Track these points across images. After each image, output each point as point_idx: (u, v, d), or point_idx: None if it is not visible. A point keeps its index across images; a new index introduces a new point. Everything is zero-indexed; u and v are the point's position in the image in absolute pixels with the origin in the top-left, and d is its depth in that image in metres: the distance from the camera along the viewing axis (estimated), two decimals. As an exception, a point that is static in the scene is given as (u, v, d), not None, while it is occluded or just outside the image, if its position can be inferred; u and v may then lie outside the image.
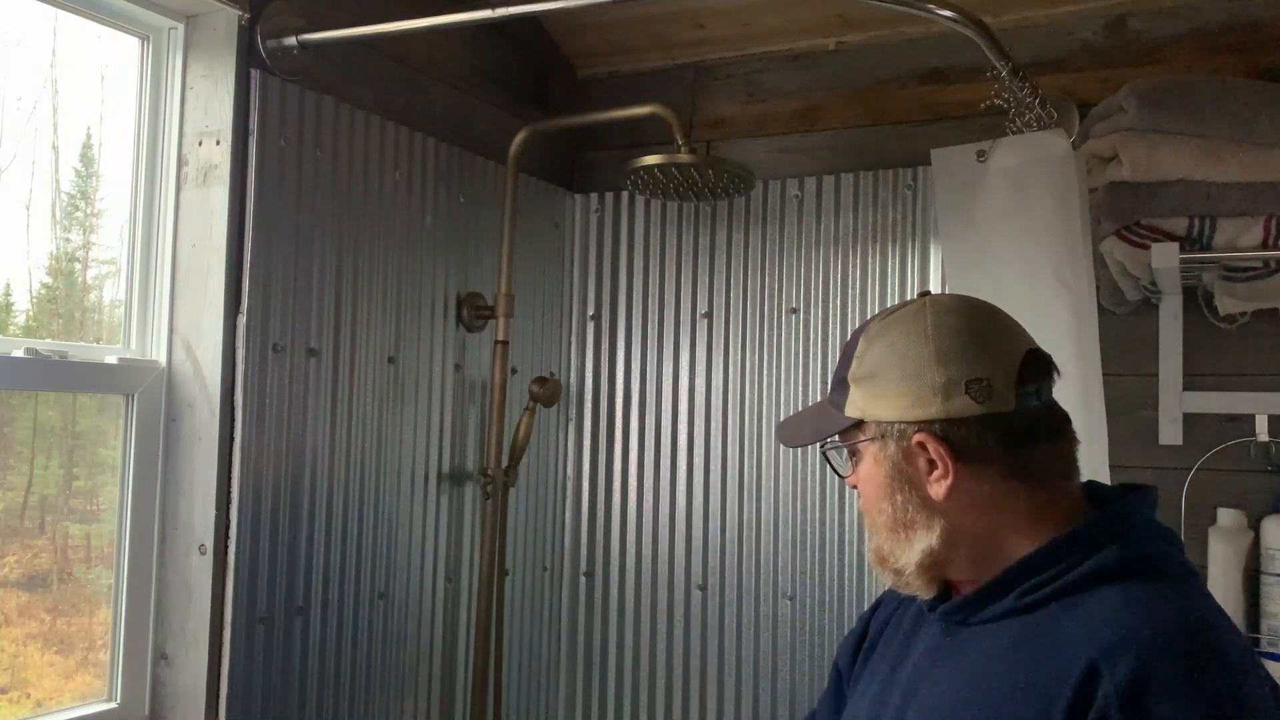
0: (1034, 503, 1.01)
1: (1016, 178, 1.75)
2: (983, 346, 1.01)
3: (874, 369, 1.04)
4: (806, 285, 2.10)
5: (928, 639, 1.07)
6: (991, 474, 1.00)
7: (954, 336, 1.01)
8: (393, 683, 1.84)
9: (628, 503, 2.24)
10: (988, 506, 1.00)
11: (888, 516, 1.03)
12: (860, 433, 1.05)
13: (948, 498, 1.00)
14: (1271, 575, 1.67)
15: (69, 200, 1.61)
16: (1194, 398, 1.78)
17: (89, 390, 1.55)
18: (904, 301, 1.09)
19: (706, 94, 2.25)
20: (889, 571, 1.06)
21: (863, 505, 1.08)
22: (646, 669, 2.19)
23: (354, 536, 1.76)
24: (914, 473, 1.01)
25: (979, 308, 1.07)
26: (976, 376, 0.99)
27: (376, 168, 1.80)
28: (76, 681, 1.57)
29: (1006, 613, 0.98)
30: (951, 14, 1.36)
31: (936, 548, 1.01)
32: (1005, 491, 1.00)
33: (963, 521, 1.01)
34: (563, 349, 2.31)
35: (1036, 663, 0.92)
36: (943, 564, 1.03)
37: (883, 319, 1.06)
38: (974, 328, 1.03)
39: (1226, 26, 1.82)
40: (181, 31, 1.62)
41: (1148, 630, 0.88)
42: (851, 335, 1.10)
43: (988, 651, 0.98)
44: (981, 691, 0.96)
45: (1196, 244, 1.65)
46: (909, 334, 1.03)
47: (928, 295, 1.08)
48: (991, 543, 1.01)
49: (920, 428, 1.00)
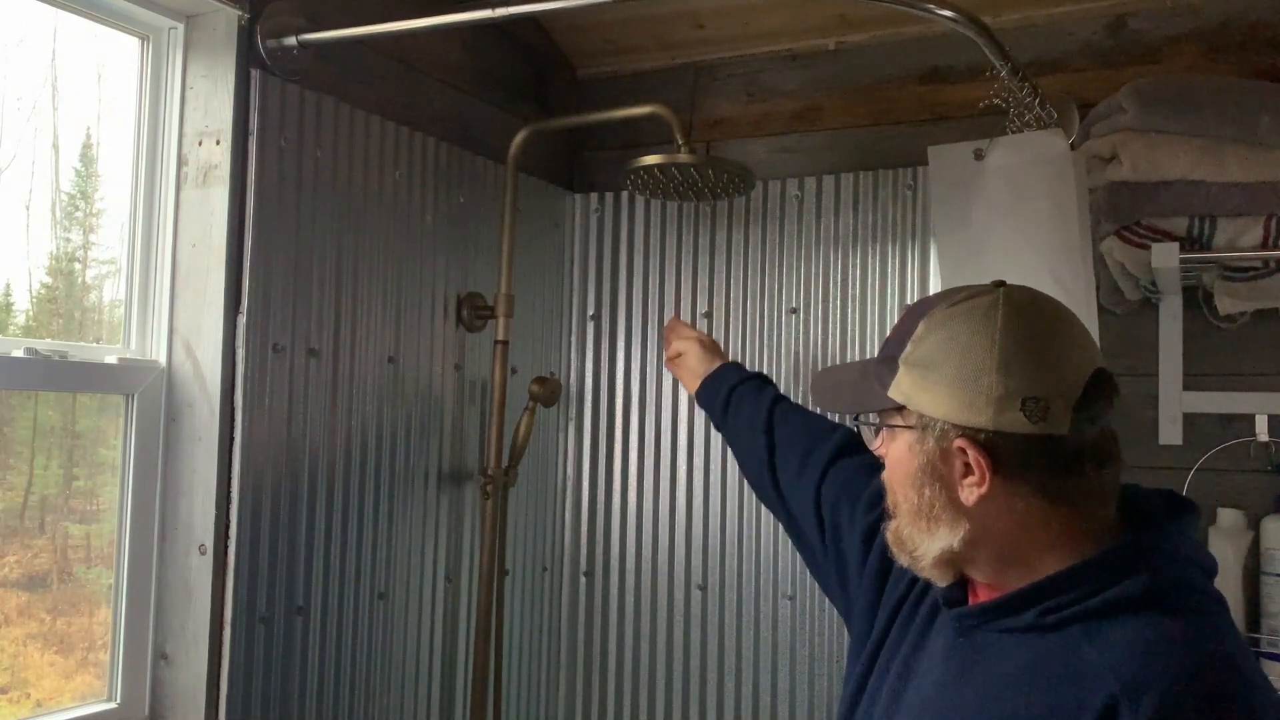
0: (1067, 525, 0.97)
1: (1013, 177, 1.75)
2: (1049, 362, 0.96)
3: (929, 358, 0.99)
4: (806, 285, 2.10)
5: (945, 634, 1.04)
6: (1027, 493, 0.96)
7: (1022, 345, 0.96)
8: (393, 683, 1.84)
9: (628, 503, 2.24)
10: (1017, 522, 0.97)
11: (912, 505, 1.00)
12: (899, 416, 1.01)
13: (977, 505, 0.96)
14: (1271, 575, 1.67)
15: (69, 200, 1.61)
16: (1194, 398, 1.78)
17: (89, 390, 1.55)
18: (976, 288, 1.02)
19: (706, 94, 2.25)
20: (904, 554, 1.03)
21: (886, 479, 1.05)
22: (646, 669, 2.19)
23: (354, 536, 1.76)
24: (948, 472, 0.97)
25: (1054, 315, 1.01)
26: (1035, 395, 0.94)
27: (376, 168, 1.80)
28: (76, 681, 1.57)
29: (1026, 628, 0.95)
30: (951, 14, 1.36)
31: (957, 549, 0.98)
32: (1038, 511, 0.96)
33: (989, 530, 0.97)
34: (563, 349, 2.31)
35: (1053, 687, 0.90)
36: (961, 563, 1.01)
37: (951, 304, 1.00)
38: (1044, 338, 0.97)
39: (1226, 26, 1.82)
40: (181, 31, 1.61)
41: (1173, 669, 0.86)
42: (908, 310, 1.05)
43: (1003, 668, 0.95)
44: (994, 708, 0.93)
45: (1196, 244, 1.66)
46: (975, 332, 0.97)
47: (1003, 286, 1.01)
48: (1016, 555, 0.98)
49: (964, 433, 0.96)
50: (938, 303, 1.02)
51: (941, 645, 1.04)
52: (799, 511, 1.41)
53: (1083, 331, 1.02)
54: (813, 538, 1.37)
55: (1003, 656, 0.96)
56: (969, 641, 1.00)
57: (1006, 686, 0.94)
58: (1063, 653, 0.91)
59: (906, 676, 1.07)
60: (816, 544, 1.36)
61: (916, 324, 1.01)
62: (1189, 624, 0.90)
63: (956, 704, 0.97)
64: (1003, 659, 0.96)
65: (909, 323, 1.02)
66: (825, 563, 1.34)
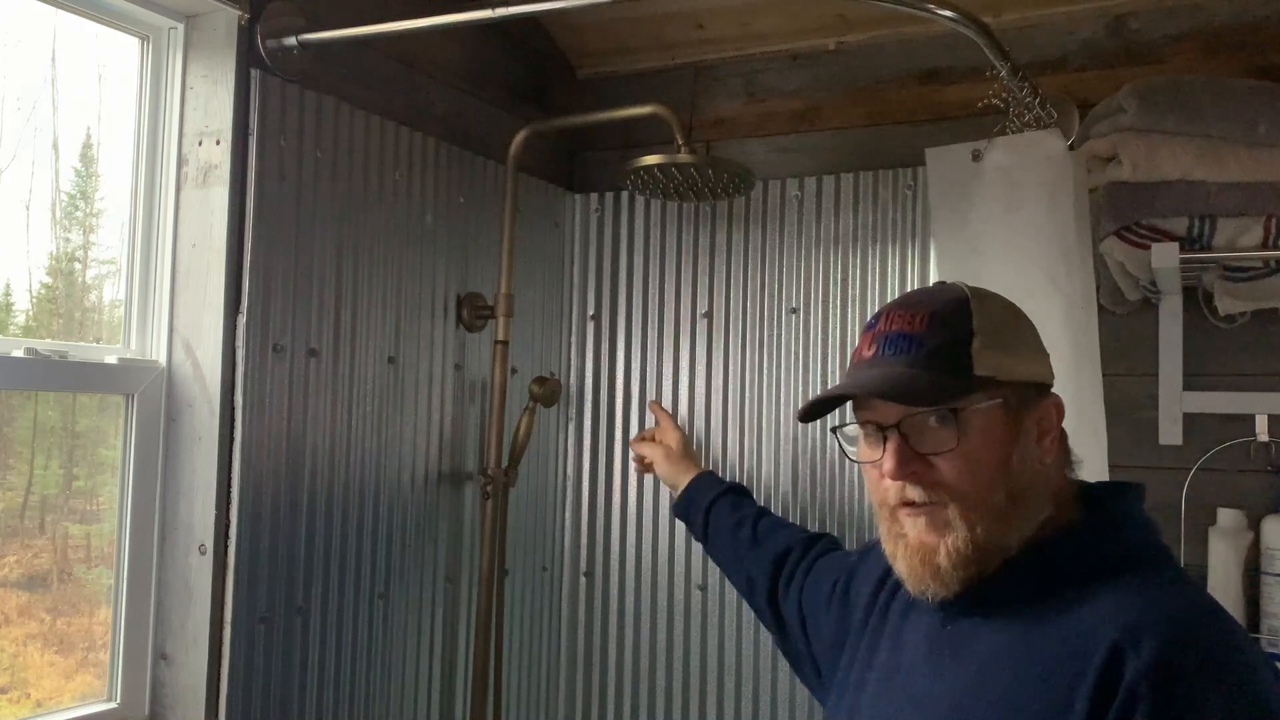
0: (1059, 486, 1.04)
1: (1011, 177, 1.75)
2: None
3: (1003, 326, 1.01)
4: (806, 285, 2.10)
5: (923, 626, 1.06)
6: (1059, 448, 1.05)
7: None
8: (393, 683, 1.84)
9: (628, 503, 2.24)
10: (1051, 486, 1.03)
11: (1006, 489, 0.98)
12: (984, 393, 0.99)
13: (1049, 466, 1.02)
14: (1271, 575, 1.67)
15: (69, 200, 1.61)
16: (1194, 398, 1.78)
17: (89, 390, 1.55)
18: (942, 283, 1.10)
19: (706, 94, 2.25)
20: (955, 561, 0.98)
21: (959, 485, 0.98)
22: (646, 669, 2.19)
23: (354, 536, 1.76)
24: (1029, 437, 1.01)
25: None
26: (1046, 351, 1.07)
27: (376, 168, 1.80)
28: (76, 681, 1.57)
29: (1014, 604, 0.98)
30: (951, 14, 1.36)
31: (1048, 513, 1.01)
32: (1057, 471, 1.04)
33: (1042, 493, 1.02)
34: (563, 349, 2.31)
35: (1054, 649, 0.93)
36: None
37: (965, 286, 1.05)
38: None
39: (1226, 26, 1.82)
40: (181, 31, 1.61)
41: (1169, 614, 0.91)
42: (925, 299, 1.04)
43: (998, 641, 0.98)
44: (997, 681, 0.95)
45: (1196, 244, 1.65)
46: (1007, 303, 1.06)
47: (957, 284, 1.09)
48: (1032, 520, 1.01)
49: (1047, 390, 1.04)
50: (945, 286, 1.07)
51: (923, 637, 1.06)
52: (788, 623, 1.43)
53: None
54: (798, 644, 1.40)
55: (994, 633, 0.99)
56: (955, 628, 1.02)
57: (1004, 658, 0.96)
58: (1055, 618, 0.95)
59: (894, 676, 1.08)
60: (801, 647, 1.39)
61: (952, 309, 1.01)
62: (1171, 579, 0.98)
63: (955, 685, 0.99)
64: (995, 635, 0.99)
65: (946, 309, 1.02)
66: (807, 660, 1.37)
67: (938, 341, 1.00)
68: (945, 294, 1.05)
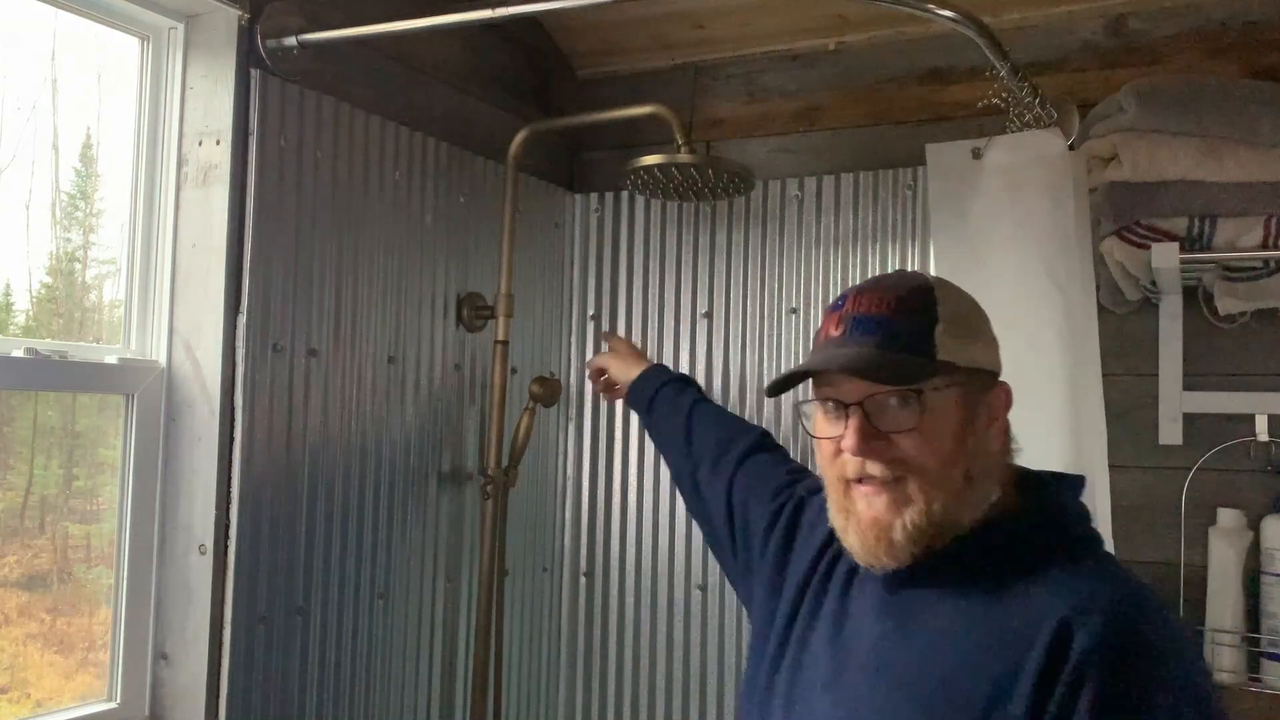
0: (1004, 471, 1.08)
1: (1011, 176, 1.75)
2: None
3: (961, 316, 1.07)
4: (806, 285, 2.10)
5: (870, 594, 1.09)
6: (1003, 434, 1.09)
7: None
8: (393, 683, 1.84)
9: (628, 503, 2.24)
10: (998, 469, 1.07)
11: (962, 469, 1.03)
12: (942, 377, 1.03)
13: (994, 451, 1.06)
14: (1271, 575, 1.67)
15: (69, 200, 1.61)
16: (1194, 398, 1.78)
17: (89, 390, 1.55)
18: (902, 271, 1.16)
19: (706, 94, 2.25)
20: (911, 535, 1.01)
21: (919, 462, 1.02)
22: (646, 669, 2.19)
23: (354, 536, 1.76)
24: (981, 422, 1.06)
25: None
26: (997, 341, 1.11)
27: (376, 168, 1.80)
28: (76, 681, 1.57)
29: (963, 579, 1.02)
30: (951, 14, 1.36)
31: (997, 496, 1.05)
32: (1001, 454, 1.09)
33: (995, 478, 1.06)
34: (563, 349, 2.31)
35: (1004, 622, 0.97)
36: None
37: (928, 276, 1.11)
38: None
39: (1226, 26, 1.82)
40: (181, 31, 1.61)
41: (1108, 591, 0.97)
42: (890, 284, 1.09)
43: (949, 612, 1.02)
44: (947, 650, 1.00)
45: (1196, 244, 1.65)
46: (965, 294, 1.11)
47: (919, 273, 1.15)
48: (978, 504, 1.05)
49: (997, 378, 1.09)
50: (912, 275, 1.12)
51: (870, 605, 1.09)
52: (713, 507, 1.46)
53: None
54: (723, 535, 1.42)
55: (944, 604, 1.03)
56: (901, 598, 1.06)
57: (955, 629, 1.00)
58: (1004, 593, 1.00)
59: (840, 643, 1.10)
60: (725, 537, 1.42)
61: (915, 296, 1.07)
62: (1103, 560, 1.04)
63: (904, 652, 1.03)
64: (945, 606, 1.03)
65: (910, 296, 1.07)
66: (734, 556, 1.40)
67: (904, 325, 1.05)
68: (911, 281, 1.10)
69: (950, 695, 0.97)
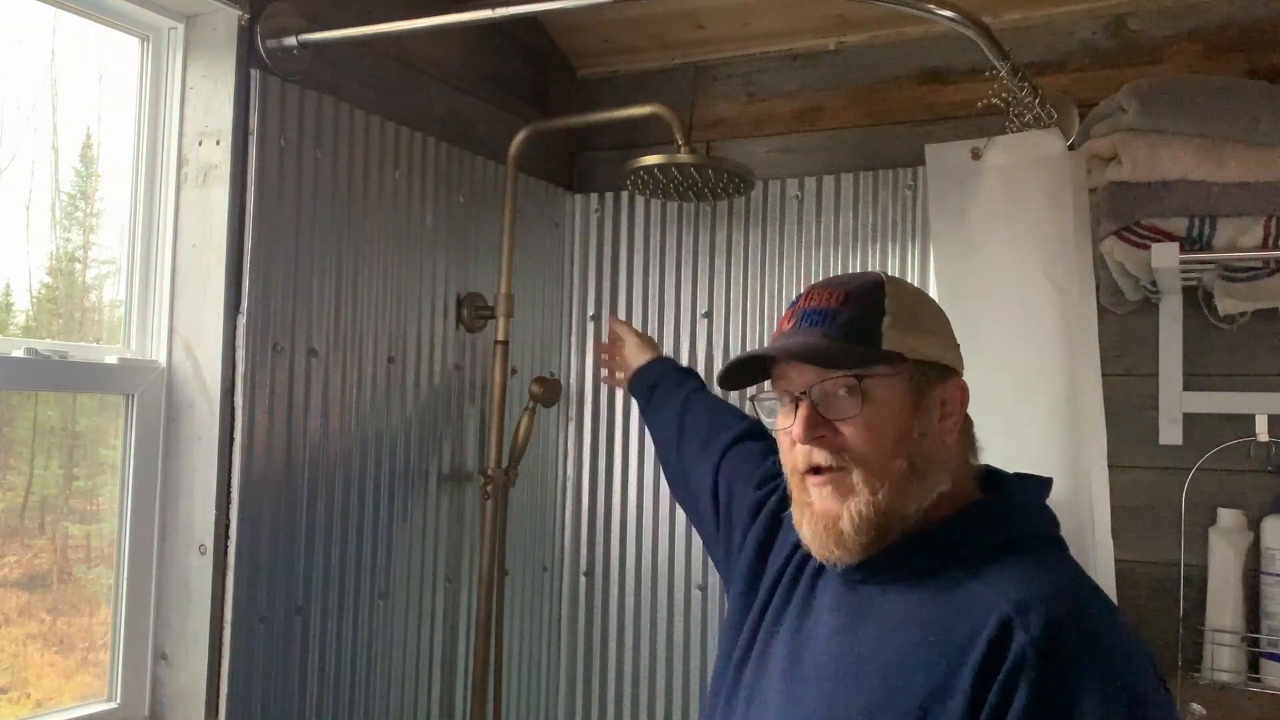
0: (963, 470, 1.10)
1: (1010, 176, 1.75)
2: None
3: (912, 311, 1.09)
4: (806, 285, 2.09)
5: (830, 592, 1.11)
6: (965, 431, 1.11)
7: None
8: (393, 683, 1.84)
9: (628, 503, 2.24)
10: (954, 464, 1.09)
11: (906, 458, 1.04)
12: (889, 367, 1.06)
13: (947, 445, 1.07)
14: (1271, 575, 1.67)
15: (69, 200, 1.61)
16: (1194, 398, 1.78)
17: (89, 390, 1.55)
18: (862, 272, 1.17)
19: (706, 94, 2.25)
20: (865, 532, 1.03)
21: (862, 451, 1.04)
22: (646, 669, 2.19)
23: (354, 536, 1.76)
24: (930, 416, 1.06)
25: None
26: (957, 344, 1.12)
27: (376, 168, 1.80)
28: (76, 681, 1.57)
29: (910, 575, 1.04)
30: (951, 14, 1.36)
31: (948, 488, 1.06)
32: (962, 452, 1.10)
33: (939, 472, 1.07)
34: (563, 349, 2.31)
35: (946, 618, 0.99)
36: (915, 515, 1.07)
37: (883, 275, 1.13)
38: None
39: (1226, 26, 1.82)
40: (181, 31, 1.62)
41: (1053, 590, 0.98)
42: (844, 279, 1.13)
43: (895, 608, 1.03)
44: (890, 644, 1.01)
45: (1196, 244, 1.65)
46: (921, 291, 1.13)
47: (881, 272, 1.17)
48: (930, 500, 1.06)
49: (953, 374, 1.09)
50: (867, 275, 1.13)
51: (828, 602, 1.10)
52: (698, 490, 1.48)
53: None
54: (708, 515, 1.44)
55: (892, 600, 1.04)
56: (856, 594, 1.07)
57: (899, 623, 1.02)
58: (949, 589, 1.01)
59: (799, 638, 1.12)
60: (710, 520, 1.44)
61: (868, 291, 1.09)
62: (1053, 560, 1.06)
63: (851, 646, 1.04)
64: (893, 602, 1.04)
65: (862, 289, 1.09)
66: (717, 541, 1.42)
67: (850, 315, 1.07)
68: (864, 278, 1.12)
69: (890, 691, 0.98)
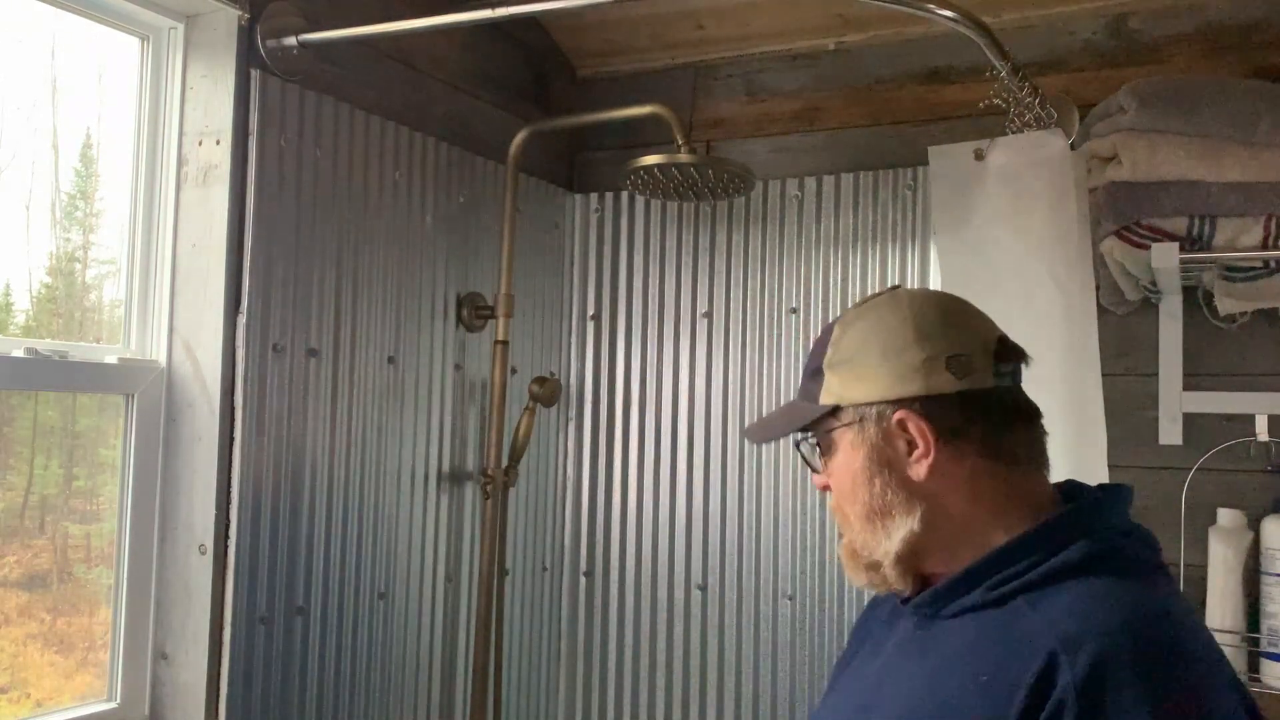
0: (1010, 488, 1.01)
1: (1013, 177, 1.75)
2: (961, 324, 1.03)
3: (852, 353, 1.04)
4: (806, 285, 2.10)
5: (901, 632, 1.07)
6: (971, 453, 1.00)
7: (933, 315, 1.03)
8: (393, 683, 1.84)
9: (628, 503, 2.24)
10: (966, 489, 1.00)
11: (864, 505, 1.02)
12: (835, 420, 1.04)
13: (929, 478, 0.99)
14: (1271, 575, 1.67)
15: (69, 200, 1.61)
16: (1194, 398, 1.78)
17: (89, 390, 1.55)
18: (875, 293, 1.11)
19: (706, 94, 2.25)
20: (862, 569, 1.05)
21: (835, 502, 1.07)
22: (646, 669, 2.19)
23: (354, 536, 1.76)
24: (894, 455, 1.01)
25: (950, 294, 1.10)
26: (956, 352, 1.00)
27: (376, 168, 1.80)
28: (76, 681, 1.57)
29: (975, 606, 0.98)
30: (952, 14, 1.36)
31: (918, 531, 1.00)
32: (983, 472, 1.00)
33: (942, 504, 1.00)
34: (563, 349, 2.31)
35: (998, 656, 0.92)
36: (921, 553, 1.02)
37: (858, 308, 1.08)
38: (951, 309, 1.05)
39: (1226, 26, 1.82)
40: (181, 31, 1.62)
41: (1107, 620, 0.89)
42: (822, 331, 1.10)
43: (953, 645, 0.98)
44: (942, 685, 0.95)
45: (1196, 244, 1.65)
46: (887, 316, 1.04)
47: (898, 288, 1.11)
48: (968, 529, 1.00)
49: (901, 406, 1.00)
50: (845, 313, 1.10)
51: (895, 642, 1.06)
52: None
53: (978, 309, 1.08)
54: None
55: (951, 636, 0.98)
56: (925, 632, 1.03)
57: (954, 662, 0.96)
58: (1007, 623, 0.94)
59: (860, 674, 1.10)
60: None
61: (830, 334, 1.07)
62: (1124, 584, 0.93)
63: (910, 690, 0.99)
64: (951, 638, 0.98)
65: (824, 338, 1.08)
66: None
67: (808, 370, 1.09)
68: (832, 321, 1.10)
69: None
